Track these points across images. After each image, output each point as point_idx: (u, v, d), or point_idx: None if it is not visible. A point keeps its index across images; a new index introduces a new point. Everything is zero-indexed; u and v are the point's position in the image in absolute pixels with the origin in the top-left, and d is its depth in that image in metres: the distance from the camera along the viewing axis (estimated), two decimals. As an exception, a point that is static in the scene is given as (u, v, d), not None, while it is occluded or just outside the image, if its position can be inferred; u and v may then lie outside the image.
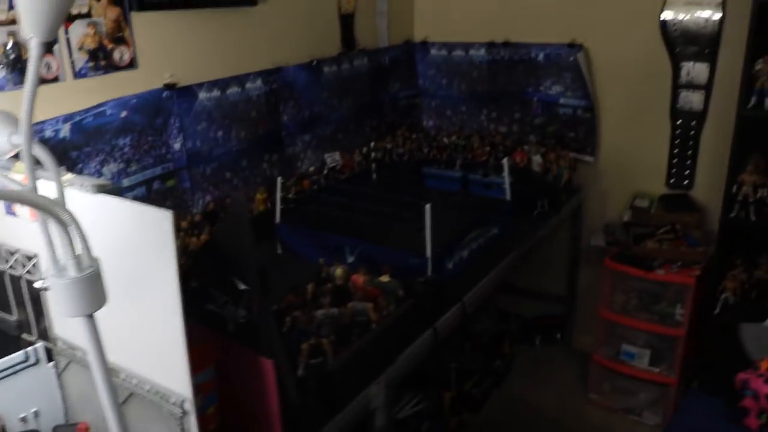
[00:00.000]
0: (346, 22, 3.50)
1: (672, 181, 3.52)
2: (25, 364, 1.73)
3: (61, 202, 1.06)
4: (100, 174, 2.37)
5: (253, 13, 2.92)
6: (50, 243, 1.07)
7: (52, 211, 0.96)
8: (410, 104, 4.14)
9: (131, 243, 1.37)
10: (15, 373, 1.71)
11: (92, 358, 1.13)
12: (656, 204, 3.50)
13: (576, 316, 4.08)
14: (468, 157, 3.51)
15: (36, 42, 0.90)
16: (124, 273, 1.39)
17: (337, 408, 1.90)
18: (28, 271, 1.68)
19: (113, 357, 1.54)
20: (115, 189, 1.40)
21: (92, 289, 1.08)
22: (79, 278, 1.05)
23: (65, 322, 1.65)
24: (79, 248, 1.06)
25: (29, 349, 1.73)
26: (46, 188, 1.35)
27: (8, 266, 1.72)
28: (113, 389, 1.17)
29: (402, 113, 4.08)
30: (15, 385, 1.71)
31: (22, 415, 1.74)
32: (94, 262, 1.08)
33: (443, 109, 4.12)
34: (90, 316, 1.10)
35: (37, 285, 1.60)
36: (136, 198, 2.51)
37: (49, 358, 1.76)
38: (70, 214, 1.02)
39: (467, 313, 2.53)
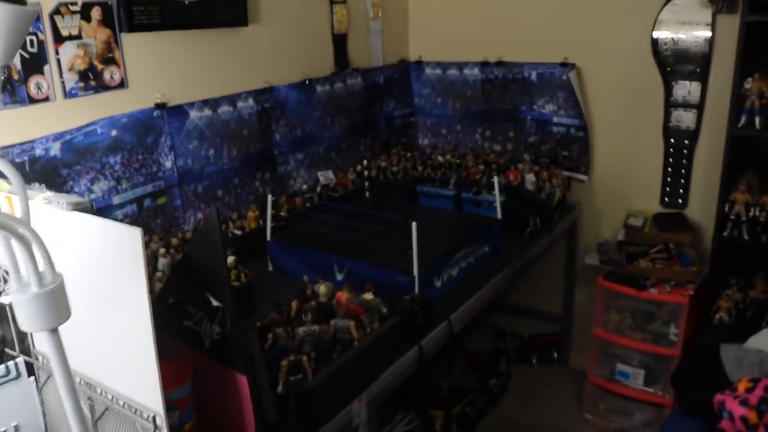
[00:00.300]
0: (339, 42, 3.55)
1: (666, 199, 3.52)
2: (6, 378, 1.74)
3: (24, 219, 1.09)
4: (90, 191, 2.41)
5: (244, 33, 2.96)
6: (13, 259, 1.09)
7: (11, 228, 0.98)
8: (405, 123, 4.17)
9: (104, 260, 1.39)
10: (-5, 387, 1.73)
11: (56, 371, 1.15)
12: (650, 223, 3.50)
13: (572, 335, 4.06)
14: (462, 176, 3.53)
15: (-3, 65, 0.94)
16: (97, 289, 1.42)
17: (317, 425, 1.90)
18: (9, 287, 1.70)
19: (90, 371, 1.57)
20: (89, 207, 1.42)
21: (54, 304, 1.10)
22: (40, 293, 1.07)
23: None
24: (41, 264, 1.08)
25: (10, 363, 1.75)
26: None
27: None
28: (77, 400, 1.19)
29: (397, 132, 4.12)
30: (-4, 399, 1.73)
31: (3, 429, 1.76)
32: (57, 277, 1.10)
33: (438, 128, 4.15)
34: (54, 331, 1.12)
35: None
36: (126, 215, 2.55)
37: (31, 373, 1.78)
38: (33, 231, 1.05)
39: (454, 332, 2.53)
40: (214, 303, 1.56)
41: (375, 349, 2.13)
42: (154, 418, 1.44)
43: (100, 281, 1.41)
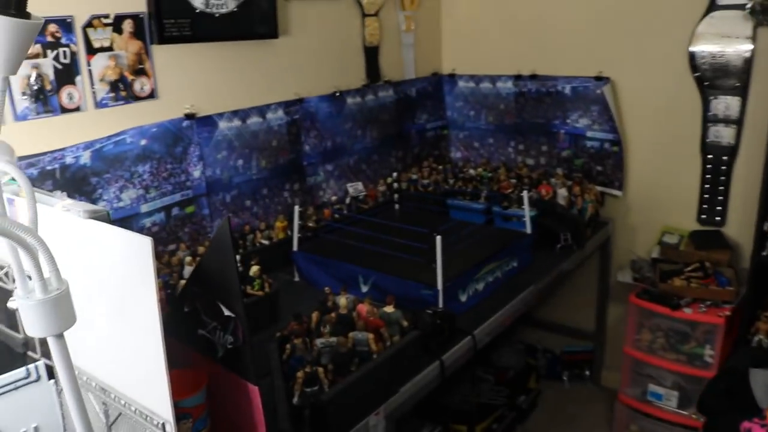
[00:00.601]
0: (371, 54, 3.56)
1: (703, 216, 3.42)
2: (27, 381, 1.78)
3: (31, 227, 1.11)
4: (119, 199, 2.46)
5: (275, 45, 2.99)
6: (19, 264, 1.12)
7: (15, 236, 1.00)
8: (438, 135, 4.16)
9: (118, 268, 1.42)
10: (16, 389, 1.77)
11: (61, 375, 1.17)
12: (686, 240, 3.40)
13: (605, 353, 3.98)
14: (494, 189, 3.49)
15: (0, 77, 0.96)
16: (111, 296, 1.44)
17: (332, 437, 1.89)
18: (33, 291, 1.74)
19: (105, 377, 1.60)
20: (105, 216, 1.45)
21: (59, 310, 1.12)
22: (46, 300, 1.09)
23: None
24: (47, 271, 1.10)
25: (31, 366, 1.78)
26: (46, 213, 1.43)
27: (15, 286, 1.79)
28: (82, 403, 1.20)
29: (429, 144, 4.11)
30: (17, 401, 1.77)
31: (23, 430, 1.80)
32: (62, 284, 1.12)
33: (471, 141, 4.12)
34: (59, 336, 1.14)
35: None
36: (154, 223, 2.59)
37: (51, 376, 1.82)
38: (39, 239, 1.07)
39: (478, 347, 2.50)
40: (227, 313, 1.57)
41: (394, 363, 2.11)
42: (163, 426, 1.46)
43: (113, 288, 1.43)
